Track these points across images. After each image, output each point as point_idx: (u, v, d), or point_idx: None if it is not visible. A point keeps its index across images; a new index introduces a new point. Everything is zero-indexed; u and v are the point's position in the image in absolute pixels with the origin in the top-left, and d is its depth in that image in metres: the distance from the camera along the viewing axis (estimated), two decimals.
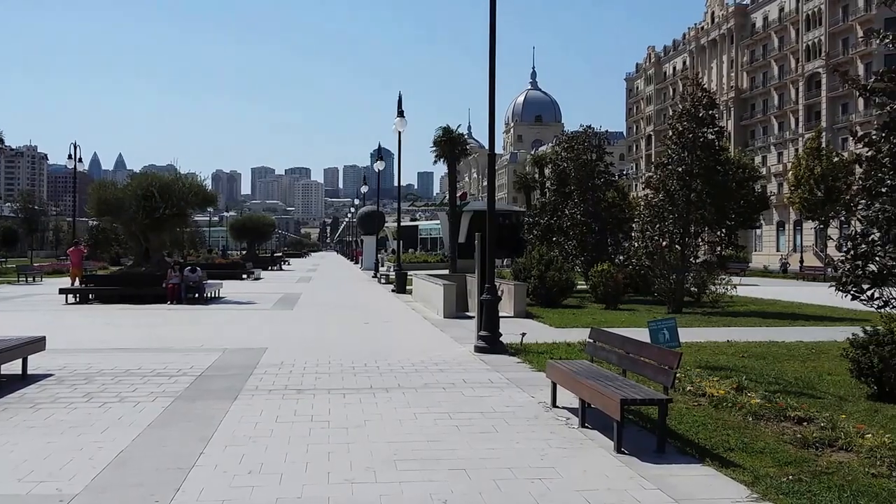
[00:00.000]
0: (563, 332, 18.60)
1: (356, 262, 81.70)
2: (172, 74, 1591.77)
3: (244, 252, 75.62)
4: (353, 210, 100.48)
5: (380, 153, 47.53)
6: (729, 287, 26.87)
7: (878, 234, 14.56)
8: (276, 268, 66.57)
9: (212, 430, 8.78)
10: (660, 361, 8.85)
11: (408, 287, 33.70)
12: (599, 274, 26.63)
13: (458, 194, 43.27)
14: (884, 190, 14.43)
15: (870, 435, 8.23)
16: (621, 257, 31.81)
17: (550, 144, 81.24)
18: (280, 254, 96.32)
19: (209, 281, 30.54)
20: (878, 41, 16.05)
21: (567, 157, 35.07)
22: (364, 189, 77.55)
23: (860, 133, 15.97)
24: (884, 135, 14.90)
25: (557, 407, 10.17)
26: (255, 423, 9.20)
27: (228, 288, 34.02)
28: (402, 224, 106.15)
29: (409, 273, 35.66)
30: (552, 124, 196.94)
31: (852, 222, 15.31)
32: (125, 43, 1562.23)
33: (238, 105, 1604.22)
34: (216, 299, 29.84)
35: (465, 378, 12.39)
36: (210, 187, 37.92)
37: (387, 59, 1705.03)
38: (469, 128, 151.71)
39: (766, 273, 64.91)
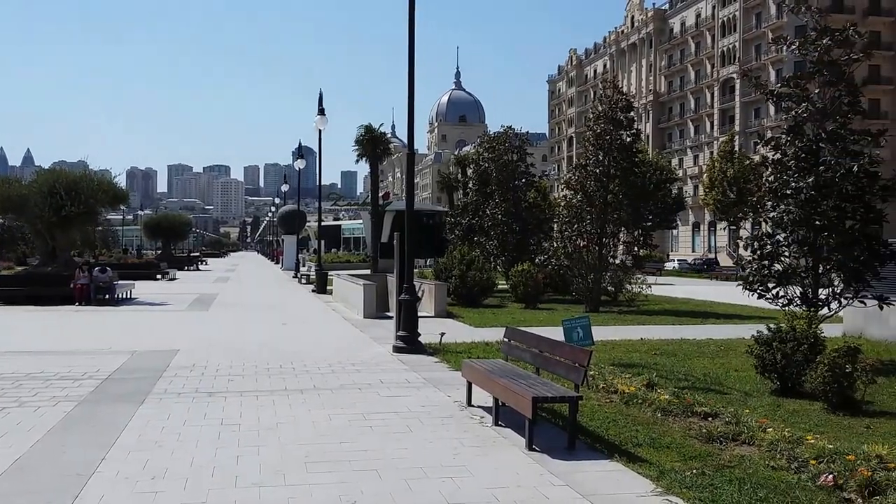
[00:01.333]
0: (482, 331, 18.70)
1: (277, 263, 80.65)
2: (83, 68, 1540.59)
3: (159, 252, 73.66)
4: (273, 209, 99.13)
5: (300, 151, 46.94)
6: (644, 286, 27.53)
7: (783, 235, 15.13)
8: (192, 268, 65.16)
9: (115, 436, 8.50)
10: (571, 359, 8.96)
11: (329, 287, 33.41)
12: (520, 274, 26.89)
13: (381, 194, 43.16)
14: (788, 192, 14.99)
15: (771, 429, 8.50)
16: (542, 257, 32.17)
17: (474, 145, 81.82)
18: (197, 254, 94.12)
19: (120, 281, 29.64)
20: (784, 47, 16.70)
21: (489, 157, 35.36)
22: (285, 188, 76.55)
23: (767, 137, 16.57)
24: (789, 138, 15.49)
25: (473, 406, 10.20)
26: (162, 427, 8.94)
27: (141, 289, 33.08)
28: (325, 224, 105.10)
29: (331, 273, 35.36)
30: (476, 124, 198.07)
31: (760, 223, 15.81)
32: (29, 36, 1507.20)
33: (155, 100, 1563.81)
34: (127, 300, 29.00)
35: (382, 378, 12.33)
36: (124, 185, 36.85)
37: (310, 57, 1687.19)
38: (393, 127, 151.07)
39: (681, 272, 66.60)
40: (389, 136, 45.78)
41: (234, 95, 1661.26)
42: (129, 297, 29.85)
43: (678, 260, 75.10)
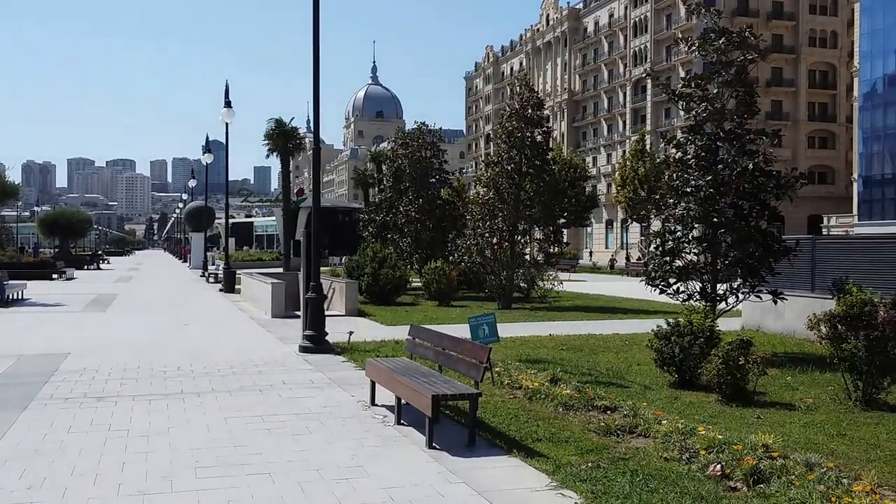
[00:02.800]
0: (393, 329, 18.58)
1: (185, 261, 78.49)
2: None
3: (57, 250, 70.53)
4: (181, 205, 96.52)
5: (208, 145, 45.77)
6: (556, 283, 27.88)
7: (683, 232, 15.50)
8: (93, 267, 62.71)
9: None
10: (473, 357, 8.97)
11: (237, 286, 32.75)
12: (433, 271, 26.88)
13: (295, 190, 42.52)
14: (689, 190, 15.36)
15: (666, 421, 8.66)
16: (456, 255, 32.26)
17: (390, 140, 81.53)
18: (99, 252, 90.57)
19: (11, 282, 28.26)
20: (686, 48, 17.10)
21: (403, 154, 35.23)
22: (192, 183, 74.18)
23: (669, 136, 16.97)
24: (690, 137, 15.88)
25: (376, 405, 10.10)
26: (44, 434, 8.53)
27: (35, 289, 31.59)
28: (237, 221, 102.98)
29: (242, 272, 34.62)
30: (394, 120, 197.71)
31: (661, 220, 16.15)
32: None
33: (52, 90, 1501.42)
34: (18, 301, 27.70)
35: (286, 379, 12.11)
36: (18, 179, 35.25)
37: (222, 46, 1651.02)
38: (308, 121, 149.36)
39: (595, 269, 67.85)
40: (304, 130, 45.14)
41: (140, 86, 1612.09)
42: (20, 297, 28.54)
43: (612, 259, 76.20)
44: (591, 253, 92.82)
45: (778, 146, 16.36)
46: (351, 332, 15.96)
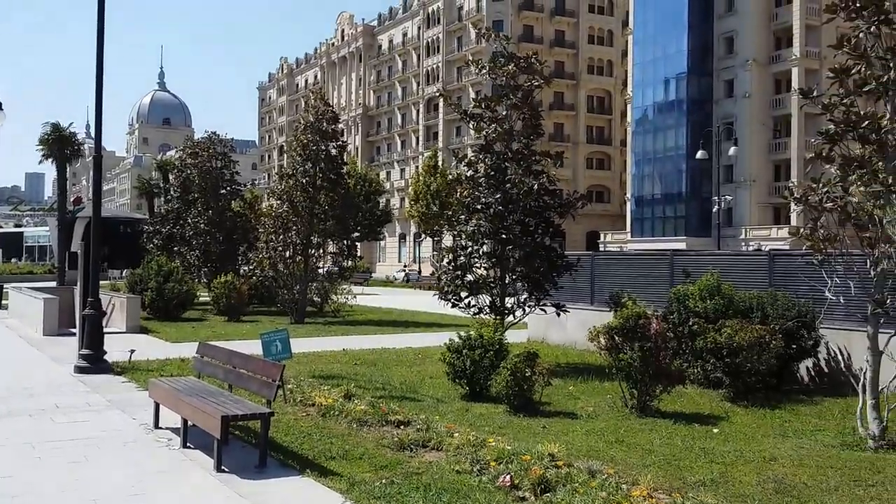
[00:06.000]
0: (179, 347, 17.71)
1: None
2: None
3: None
4: None
5: None
6: (350, 297, 27.83)
7: (474, 247, 15.98)
8: None
9: None
10: (264, 374, 8.70)
11: (4, 301, 29.94)
12: (223, 285, 25.93)
13: (72, 199, 39.62)
14: (479, 207, 15.87)
15: (458, 434, 8.83)
16: (247, 268, 31.38)
17: (178, 149, 78.24)
18: None
19: None
20: (479, 71, 17.69)
21: (192, 163, 33.86)
22: None
23: (461, 154, 17.46)
24: (480, 156, 16.43)
25: (160, 428, 9.55)
26: None
27: None
28: (5, 231, 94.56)
29: (9, 286, 31.65)
30: (182, 128, 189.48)
31: (454, 236, 16.57)
32: None
33: None
34: None
35: (59, 402, 11.18)
36: None
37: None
38: (87, 127, 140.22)
39: (388, 282, 68.52)
40: (83, 136, 42.18)
41: None
42: None
43: (409, 271, 76.88)
44: (390, 267, 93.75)
45: (560, 167, 17.28)
46: (132, 351, 15.02)
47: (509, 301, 16.00)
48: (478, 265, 16.14)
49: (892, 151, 9.36)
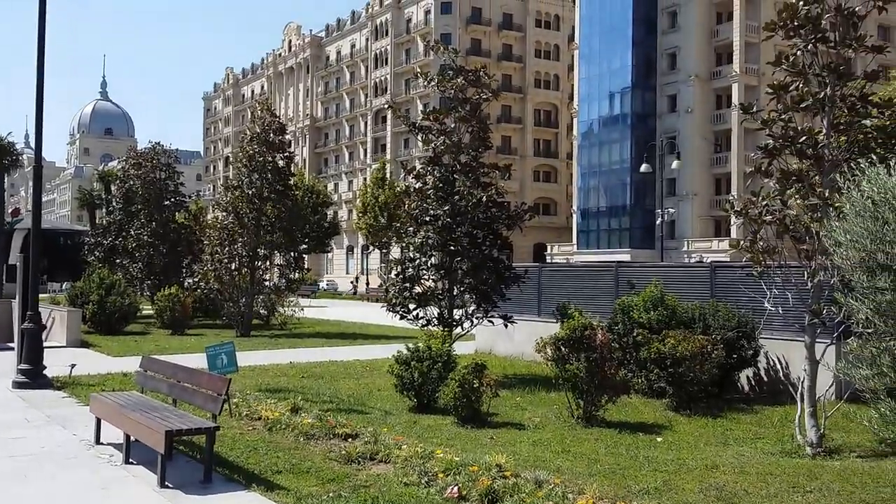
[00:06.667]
0: (122, 361, 17.38)
1: None
2: None
3: None
4: None
5: None
6: (297, 309, 27.61)
7: (422, 259, 16.00)
8: None
9: None
10: (210, 388, 8.59)
11: None
12: (167, 298, 25.51)
13: (10, 210, 38.60)
14: (428, 219, 15.91)
15: (406, 446, 8.82)
16: (192, 280, 30.92)
17: (120, 160, 76.88)
18: None
19: None
20: (424, 83, 17.77)
21: (135, 174, 33.29)
22: None
23: (409, 166, 17.51)
24: (428, 169, 16.48)
25: (102, 444, 9.35)
26: None
27: None
28: None
29: None
30: (124, 138, 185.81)
31: (402, 247, 16.58)
32: None
33: None
34: None
35: None
36: None
37: None
38: (27, 136, 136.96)
39: (336, 294, 68.16)
40: (22, 146, 41.19)
41: None
42: None
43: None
44: (339, 279, 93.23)
45: (508, 179, 17.44)
46: (73, 365, 14.67)
47: (457, 313, 16.05)
48: (426, 277, 16.16)
49: (829, 166, 9.67)
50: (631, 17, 67.43)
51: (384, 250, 67.90)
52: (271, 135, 26.19)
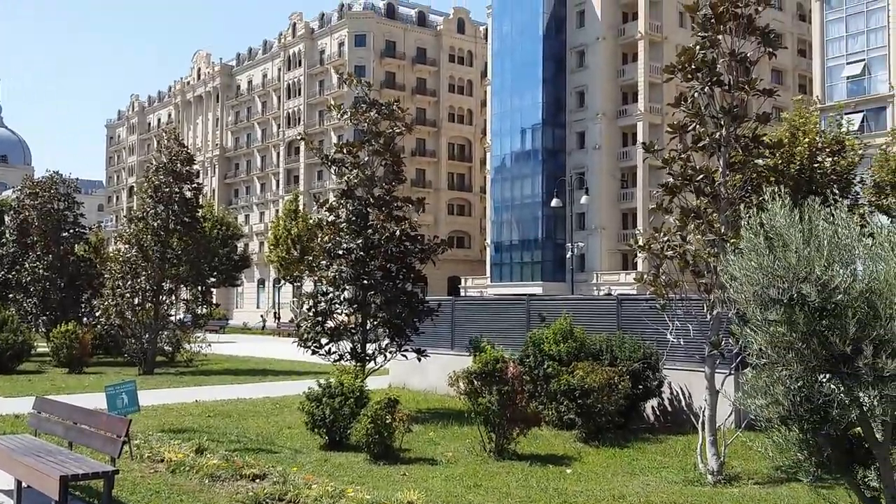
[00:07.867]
0: (13, 402, 16.51)
1: None
2: None
3: None
4: None
5: None
6: (204, 345, 26.90)
7: (335, 293, 15.85)
8: None
9: None
10: (109, 430, 8.27)
11: None
12: (63, 335, 24.42)
13: None
14: (341, 252, 15.80)
15: (316, 485, 8.65)
16: (91, 316, 29.78)
17: (15, 189, 73.79)
18: None
19: None
20: (338, 115, 17.75)
21: (31, 204, 32.04)
22: None
23: (322, 198, 17.38)
24: (342, 202, 16.40)
25: None
26: None
27: None
28: None
29: None
30: (20, 166, 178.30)
31: (315, 281, 16.40)
32: None
33: None
34: None
35: None
36: None
37: None
38: None
39: (246, 329, 66.79)
40: None
41: None
42: None
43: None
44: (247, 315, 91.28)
45: (422, 212, 17.50)
46: None
47: (370, 347, 15.93)
48: (339, 311, 16.00)
49: (725, 203, 10.07)
50: (541, 56, 69.08)
51: (297, 284, 67.02)
52: (178, 165, 25.62)
